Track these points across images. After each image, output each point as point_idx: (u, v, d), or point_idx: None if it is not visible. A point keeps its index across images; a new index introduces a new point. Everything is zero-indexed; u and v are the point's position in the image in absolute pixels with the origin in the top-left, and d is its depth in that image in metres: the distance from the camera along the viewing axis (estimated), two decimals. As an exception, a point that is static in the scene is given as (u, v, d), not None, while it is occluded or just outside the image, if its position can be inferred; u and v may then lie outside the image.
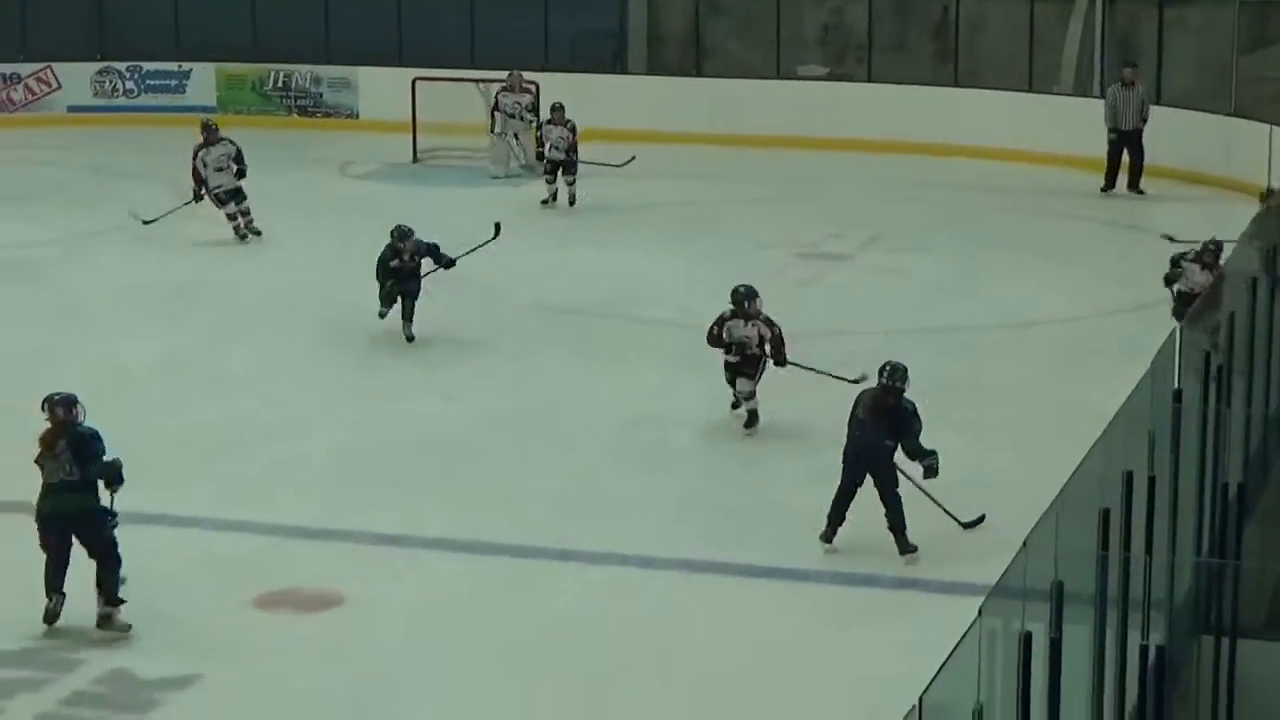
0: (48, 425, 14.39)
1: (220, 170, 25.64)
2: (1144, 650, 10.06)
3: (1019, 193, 29.46)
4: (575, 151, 28.49)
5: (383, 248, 21.92)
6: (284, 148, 32.86)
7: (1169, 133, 28.47)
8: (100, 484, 14.38)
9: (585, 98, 31.95)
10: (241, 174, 26.11)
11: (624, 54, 34.94)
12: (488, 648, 14.26)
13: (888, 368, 15.61)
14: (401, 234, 21.97)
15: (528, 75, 31.33)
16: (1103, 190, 28.79)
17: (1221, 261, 18.51)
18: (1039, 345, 20.27)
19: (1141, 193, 28.42)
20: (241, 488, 17.55)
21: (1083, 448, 10.17)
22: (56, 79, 35.14)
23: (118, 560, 14.13)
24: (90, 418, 15.94)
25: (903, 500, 15.38)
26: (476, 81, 31.42)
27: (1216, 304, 14.17)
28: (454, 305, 23.24)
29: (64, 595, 14.20)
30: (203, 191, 25.99)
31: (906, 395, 15.52)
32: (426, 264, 22.07)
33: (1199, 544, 11.50)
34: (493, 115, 31.12)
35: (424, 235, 22.48)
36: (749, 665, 14.10)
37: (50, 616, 14.17)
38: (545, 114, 29.16)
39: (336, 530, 16.76)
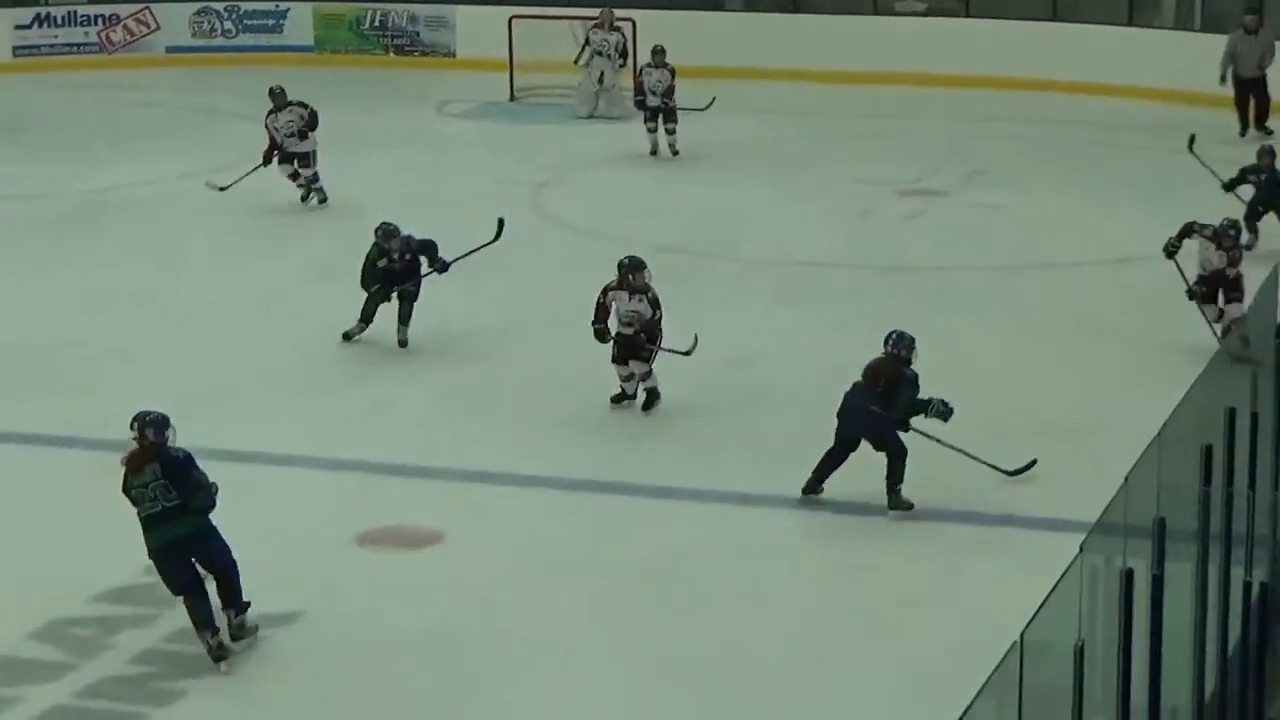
0: (135, 446, 13.22)
1: (290, 135, 25.19)
2: (1247, 587, 10.01)
3: (1118, 128, 29.28)
4: (670, 96, 27.78)
5: (369, 248, 20.01)
6: (381, 87, 32.99)
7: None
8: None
9: (682, 35, 31.86)
10: (304, 135, 25.54)
11: (723, -11, 34.94)
12: (585, 583, 14.30)
13: (894, 335, 15.48)
14: (387, 232, 20.08)
15: (623, 13, 31.26)
16: (1241, 135, 27.96)
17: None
18: (1139, 282, 20.10)
19: (1269, 131, 27.58)
20: (339, 425, 17.64)
21: (1184, 384, 10.12)
22: (155, 20, 35.27)
23: (236, 570, 13.37)
24: (188, 360, 15.97)
25: (905, 458, 15.23)
26: (572, 19, 31.33)
27: None
28: (544, 247, 23.28)
29: (218, 630, 13.21)
30: (275, 155, 25.45)
31: (911, 367, 15.36)
32: (423, 265, 20.47)
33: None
34: (583, 49, 31.05)
35: (517, 175, 22.53)
36: (847, 601, 14.11)
37: (216, 655, 13.13)
38: (645, 56, 28.99)
39: (435, 468, 16.83)
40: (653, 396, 17.75)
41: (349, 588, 14.47)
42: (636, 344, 17.58)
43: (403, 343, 19.68)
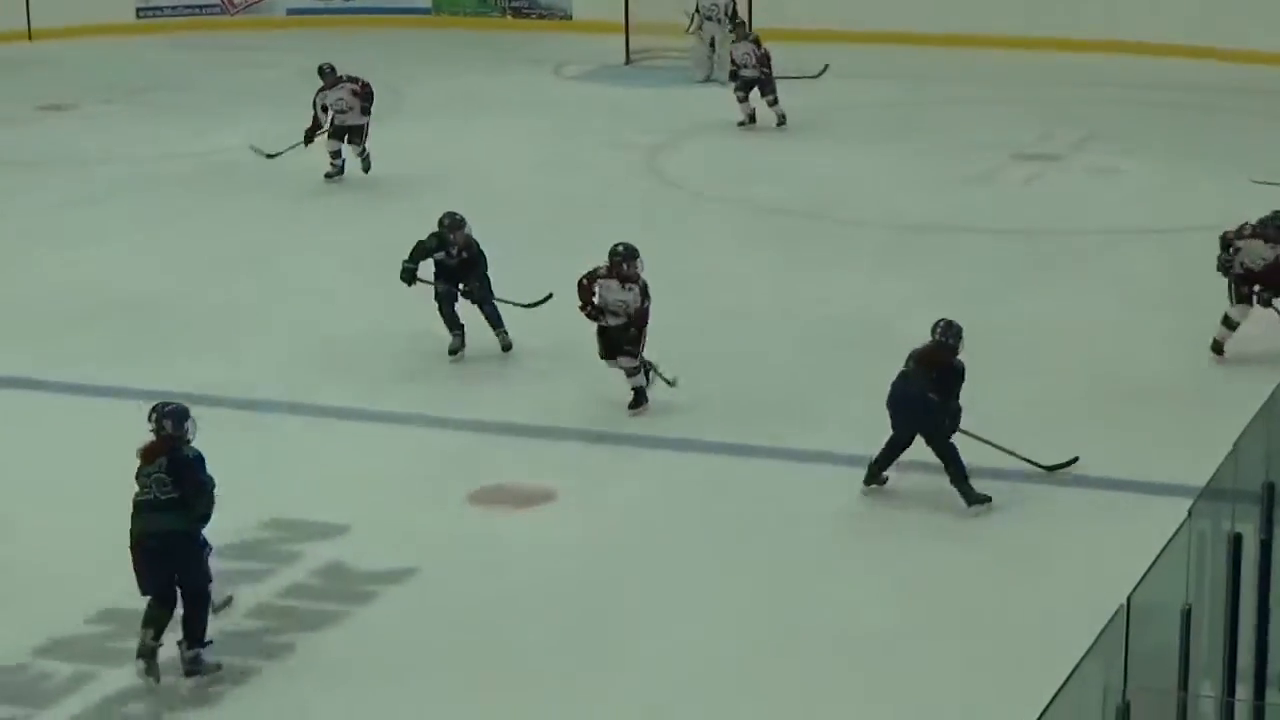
0: (152, 438, 12.71)
1: (342, 112, 24.61)
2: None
3: (1231, 93, 29.05)
4: (768, 65, 27.18)
5: (427, 236, 18.51)
6: (499, 49, 33.04)
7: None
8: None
9: (795, -1, 31.98)
10: (366, 110, 24.84)
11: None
12: (695, 543, 14.32)
13: (942, 323, 14.90)
14: (454, 222, 18.48)
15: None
16: None
17: None
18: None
19: None
20: (452, 386, 17.71)
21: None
22: (275, -16, 35.54)
23: (206, 600, 12.63)
24: (305, 321, 16.05)
25: (959, 451, 14.73)
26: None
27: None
28: (655, 207, 23.29)
29: (160, 641, 12.47)
30: (317, 134, 24.76)
31: (959, 356, 14.86)
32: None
33: None
34: (692, 17, 30.93)
35: (632, 137, 22.55)
36: (954, 563, 14.10)
37: (143, 652, 12.37)
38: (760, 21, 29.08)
39: (546, 427, 16.87)
40: (639, 397, 17.00)
41: (462, 545, 14.55)
42: (624, 337, 16.82)
43: (506, 347, 18.51)
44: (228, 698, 12.69)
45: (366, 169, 24.88)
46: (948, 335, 14.79)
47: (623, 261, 16.82)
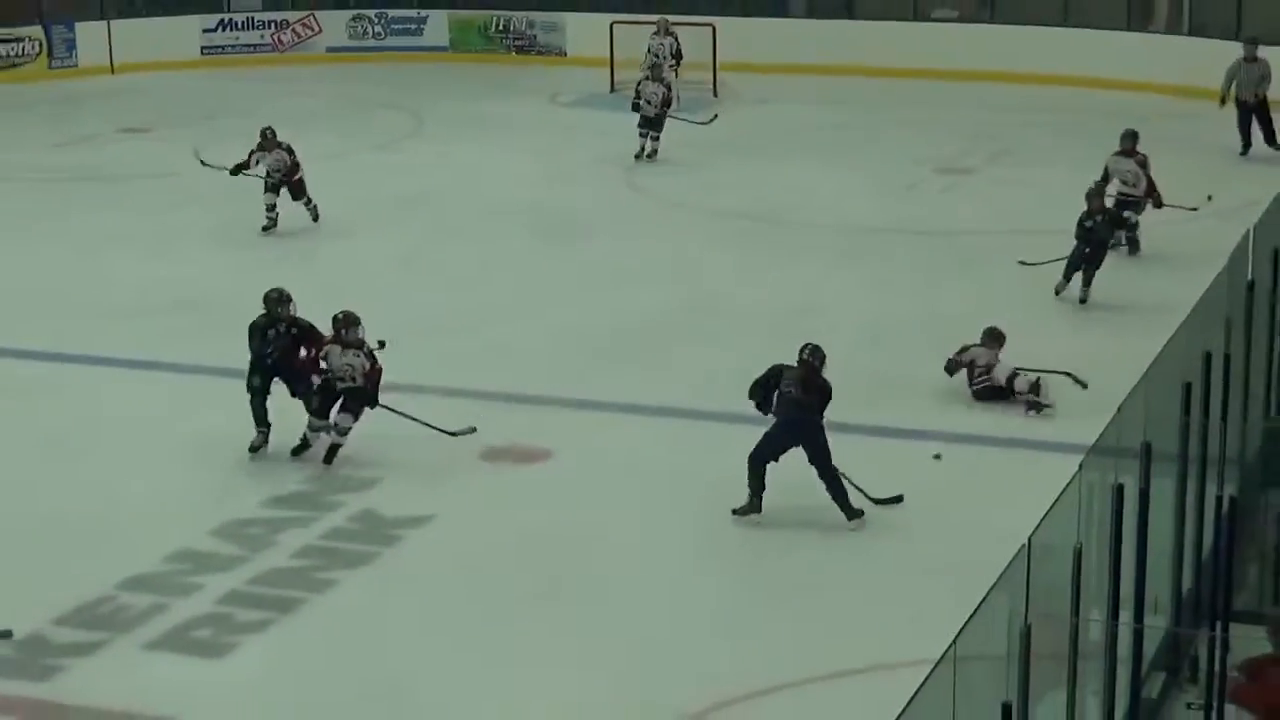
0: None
1: (278, 171, 22.35)
2: (1219, 500, 9.97)
3: (1119, 116, 28.94)
4: (666, 107, 26.03)
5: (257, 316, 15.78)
6: (503, 80, 32.96)
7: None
8: None
9: (753, 38, 31.91)
10: (297, 167, 22.59)
11: (786, 0, 34.69)
12: (668, 495, 14.35)
13: (809, 347, 14.01)
14: (281, 297, 15.71)
15: (704, 19, 31.20)
16: (1243, 153, 25.88)
17: None
18: (1148, 241, 20.06)
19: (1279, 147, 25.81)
20: (466, 362, 17.70)
21: (1169, 331, 10.07)
22: (317, 24, 35.34)
23: None
24: (343, 308, 16.06)
25: (838, 470, 13.83)
26: (659, 25, 31.08)
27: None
28: (636, 214, 23.26)
29: None
30: (242, 172, 22.69)
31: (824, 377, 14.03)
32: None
33: (1266, 410, 11.37)
34: (646, 57, 30.37)
35: (614, 155, 22.49)
36: (903, 511, 14.13)
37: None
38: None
39: (546, 396, 16.88)
40: (332, 453, 15.15)
41: (474, 495, 14.55)
42: (358, 396, 15.09)
43: (299, 451, 15.34)
44: (278, 625, 12.69)
45: (315, 219, 22.83)
46: (814, 358, 14.05)
47: (342, 328, 15.12)
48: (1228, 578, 9.71)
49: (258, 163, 22.46)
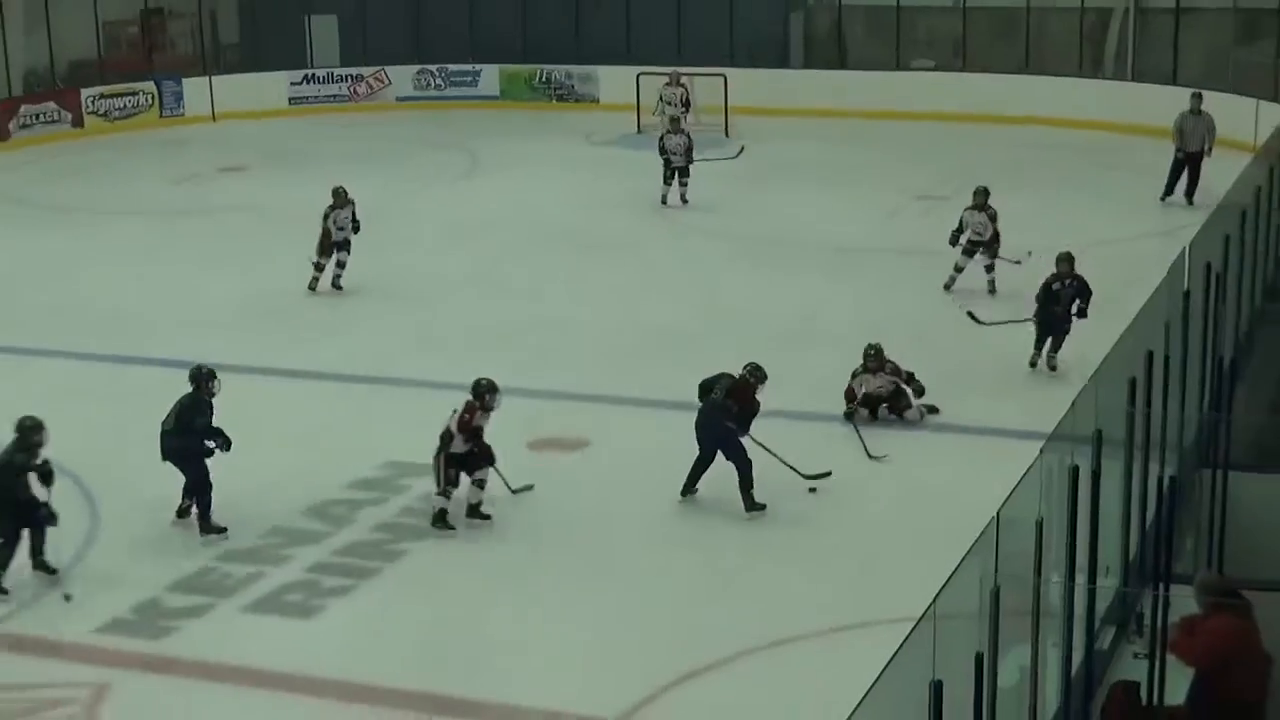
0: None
1: (341, 229, 20.95)
2: (1160, 480, 9.94)
3: (1074, 149, 29.02)
4: (690, 157, 24.92)
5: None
6: (546, 124, 32.99)
7: (1186, 102, 27.95)
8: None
9: (760, 86, 31.87)
10: (356, 229, 20.92)
11: (787, 54, 34.68)
12: (682, 476, 14.29)
13: (752, 365, 13.99)
14: (35, 424, 12.70)
15: (717, 70, 31.16)
16: (1162, 199, 24.36)
17: None
18: (1090, 258, 19.91)
19: (1193, 205, 23.61)
20: (519, 363, 17.71)
21: (1118, 334, 10.04)
22: (388, 78, 35.40)
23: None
24: (413, 319, 16.07)
25: (752, 466, 13.63)
26: (670, 77, 31.08)
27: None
28: (660, 236, 23.27)
29: None
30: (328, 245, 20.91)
31: (759, 395, 13.94)
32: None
33: (1201, 403, 11.33)
34: (657, 104, 30.50)
35: (640, 185, 22.42)
36: (869, 491, 14.10)
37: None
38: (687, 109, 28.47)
39: (587, 394, 16.92)
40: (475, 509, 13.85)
41: (523, 477, 14.55)
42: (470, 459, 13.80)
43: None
44: (360, 588, 12.74)
45: (338, 285, 20.96)
46: (754, 375, 13.97)
47: (485, 393, 13.91)
48: (1168, 546, 9.69)
49: (332, 222, 20.75)
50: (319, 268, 20.89)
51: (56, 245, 23.88)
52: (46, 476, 12.61)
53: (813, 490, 13.99)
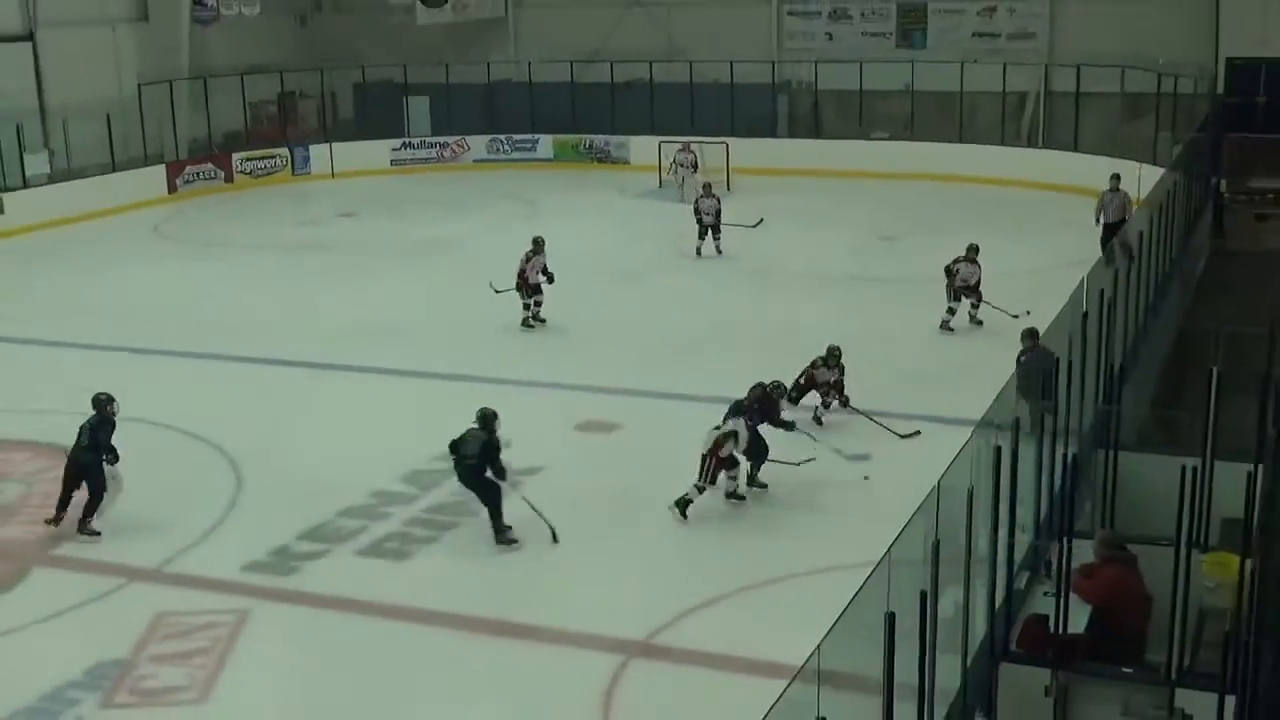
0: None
1: (540, 274, 20.04)
2: (1064, 457, 9.88)
3: (998, 202, 28.89)
4: (719, 217, 23.76)
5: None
6: (588, 181, 32.94)
7: (1085, 165, 27.89)
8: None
9: (750, 151, 31.74)
10: (549, 278, 19.68)
11: (775, 126, 34.57)
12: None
13: (775, 382, 13.71)
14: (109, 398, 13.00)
15: (719, 139, 31.10)
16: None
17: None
18: (1013, 287, 19.82)
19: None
20: (566, 364, 17.72)
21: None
22: (467, 144, 35.37)
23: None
24: (485, 329, 15.94)
25: (765, 457, 13.37)
26: (683, 145, 31.08)
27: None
28: (679, 266, 23.19)
29: None
30: (515, 287, 19.75)
31: (782, 403, 13.74)
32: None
33: (1097, 397, 11.26)
34: (671, 165, 30.61)
35: (664, 227, 22.44)
36: (840, 470, 14.02)
37: None
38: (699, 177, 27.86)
39: (623, 388, 16.87)
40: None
41: (570, 455, 14.54)
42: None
43: None
44: (443, 538, 12.72)
45: (532, 323, 19.74)
46: (775, 391, 13.71)
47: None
48: (1071, 508, 9.62)
49: (531, 269, 19.64)
50: (526, 307, 19.50)
51: (210, 272, 23.94)
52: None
53: (866, 478, 13.60)
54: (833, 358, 15.39)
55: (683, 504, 12.84)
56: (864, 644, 6.33)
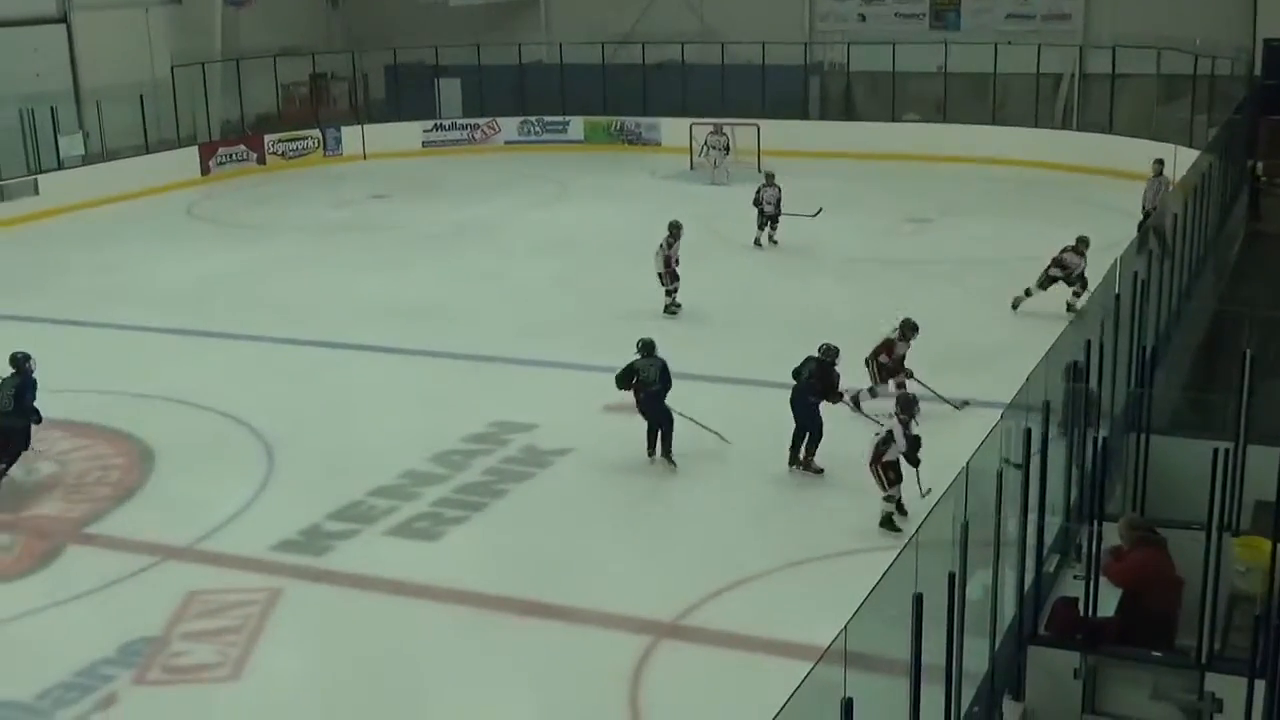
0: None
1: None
2: (1095, 441, 9.82)
3: (1030, 184, 28.74)
4: (779, 207, 23.29)
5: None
6: (620, 163, 32.93)
7: (1120, 147, 27.68)
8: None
9: (782, 133, 31.63)
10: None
11: (807, 107, 34.44)
12: (729, 432, 14.27)
13: (824, 346, 13.32)
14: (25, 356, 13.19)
15: (750, 121, 31.01)
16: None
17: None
18: (1039, 270, 19.75)
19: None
20: (596, 343, 17.70)
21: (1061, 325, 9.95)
22: (498, 126, 35.40)
23: None
24: (513, 313, 15.83)
25: (821, 436, 13.32)
26: (715, 127, 31.00)
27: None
28: (709, 248, 23.15)
29: None
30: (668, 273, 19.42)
31: (836, 366, 13.27)
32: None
33: (1129, 381, 11.20)
34: (703, 148, 30.50)
35: (694, 209, 22.54)
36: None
37: None
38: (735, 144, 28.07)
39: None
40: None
41: (600, 434, 14.55)
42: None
43: None
44: (473, 518, 12.75)
45: (670, 310, 19.30)
46: (827, 355, 13.30)
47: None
48: (1101, 491, 9.57)
49: (670, 254, 19.30)
50: (669, 293, 19.21)
51: (244, 254, 24.05)
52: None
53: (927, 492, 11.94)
54: (910, 329, 14.93)
55: (888, 522, 12.10)
56: (891, 626, 6.31)
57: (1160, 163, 22.73)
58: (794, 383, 13.43)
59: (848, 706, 5.31)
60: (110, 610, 11.25)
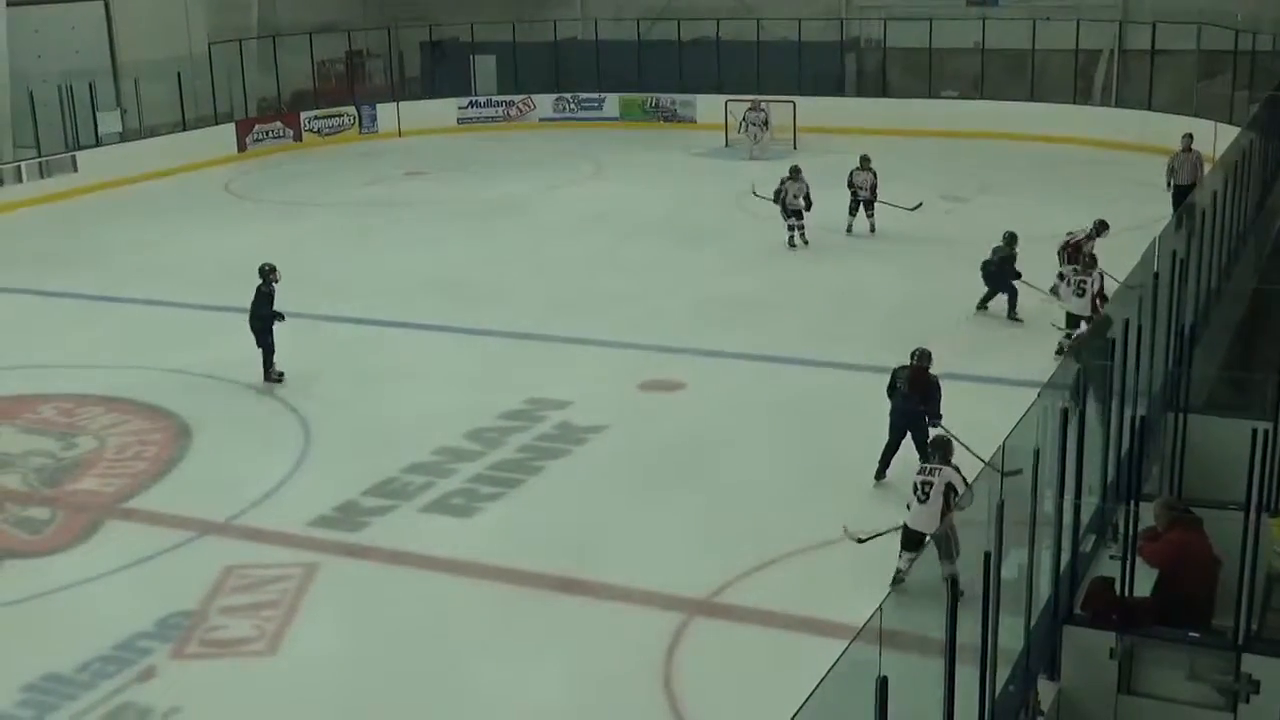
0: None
1: (795, 197, 20.95)
2: (1133, 419, 9.74)
3: (1068, 161, 28.50)
4: (809, 200, 21.60)
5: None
6: (655, 139, 32.85)
7: (1159, 124, 27.44)
8: None
9: (818, 110, 31.48)
10: (809, 204, 21.20)
11: (843, 84, 34.26)
12: (761, 412, 14.27)
13: (919, 352, 12.56)
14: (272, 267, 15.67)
15: (787, 98, 30.87)
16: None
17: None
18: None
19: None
20: (631, 322, 17.71)
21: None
22: (533, 103, 35.35)
23: None
24: (548, 289, 16.02)
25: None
26: (753, 103, 30.88)
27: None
28: (741, 226, 23.06)
29: None
30: (775, 199, 21.32)
31: (931, 371, 12.56)
32: None
33: (1167, 360, 11.10)
34: (741, 125, 30.43)
35: (728, 186, 22.21)
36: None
37: None
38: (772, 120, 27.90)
39: (683, 347, 16.83)
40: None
41: (634, 412, 14.55)
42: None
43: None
44: (508, 495, 12.78)
45: (793, 244, 21.20)
46: (922, 360, 12.57)
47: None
48: (1138, 471, 9.49)
49: (786, 193, 21.17)
50: (790, 228, 21.09)
51: (280, 230, 24.14)
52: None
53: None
54: (1102, 226, 16.02)
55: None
56: (926, 605, 6.29)
57: (1189, 137, 22.39)
58: (889, 398, 12.68)
59: (882, 685, 5.29)
60: (148, 585, 11.34)
